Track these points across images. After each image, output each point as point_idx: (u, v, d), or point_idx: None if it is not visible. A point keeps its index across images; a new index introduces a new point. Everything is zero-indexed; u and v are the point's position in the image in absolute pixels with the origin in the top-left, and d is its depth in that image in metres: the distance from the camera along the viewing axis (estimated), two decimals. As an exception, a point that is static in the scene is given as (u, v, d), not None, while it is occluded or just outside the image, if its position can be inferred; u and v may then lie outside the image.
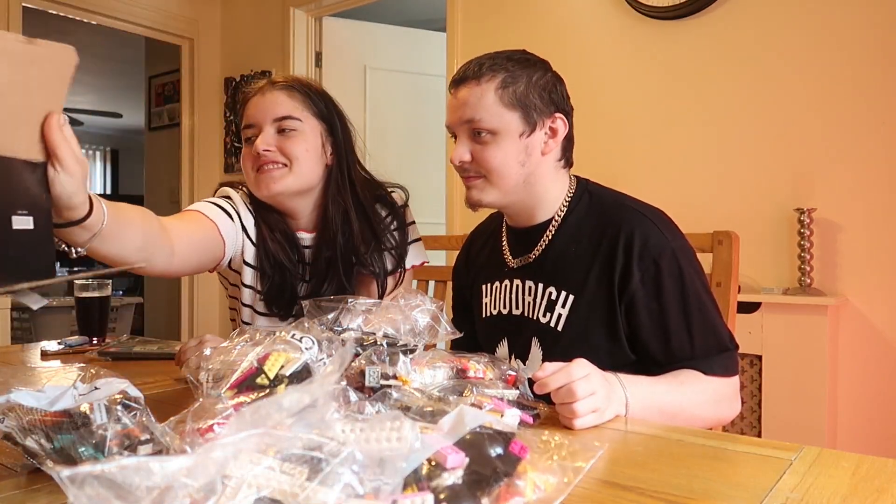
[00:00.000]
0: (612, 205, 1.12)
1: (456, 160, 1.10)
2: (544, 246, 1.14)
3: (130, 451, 0.64)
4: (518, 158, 1.08)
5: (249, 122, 1.26)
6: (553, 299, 1.10)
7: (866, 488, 0.62)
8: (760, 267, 2.36)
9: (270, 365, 0.83)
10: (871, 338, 2.18)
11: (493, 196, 1.11)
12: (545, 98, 1.09)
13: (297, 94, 1.26)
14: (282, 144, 1.23)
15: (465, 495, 0.53)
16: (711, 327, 1.05)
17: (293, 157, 1.23)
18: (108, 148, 8.70)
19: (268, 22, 3.92)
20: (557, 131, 1.11)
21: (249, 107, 1.27)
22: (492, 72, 1.08)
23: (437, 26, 3.78)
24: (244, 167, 1.28)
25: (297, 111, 1.25)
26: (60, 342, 1.52)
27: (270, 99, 1.25)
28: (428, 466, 0.54)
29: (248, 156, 1.26)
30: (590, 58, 2.73)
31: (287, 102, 1.25)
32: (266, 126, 1.24)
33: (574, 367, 0.85)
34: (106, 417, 0.65)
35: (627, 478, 0.65)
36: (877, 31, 2.17)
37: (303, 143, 1.24)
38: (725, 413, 1.05)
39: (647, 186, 2.58)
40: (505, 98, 1.07)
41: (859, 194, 2.20)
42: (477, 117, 1.07)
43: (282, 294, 1.30)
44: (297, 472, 0.49)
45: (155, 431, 0.66)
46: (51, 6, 3.59)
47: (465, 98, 1.08)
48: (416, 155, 3.88)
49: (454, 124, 1.12)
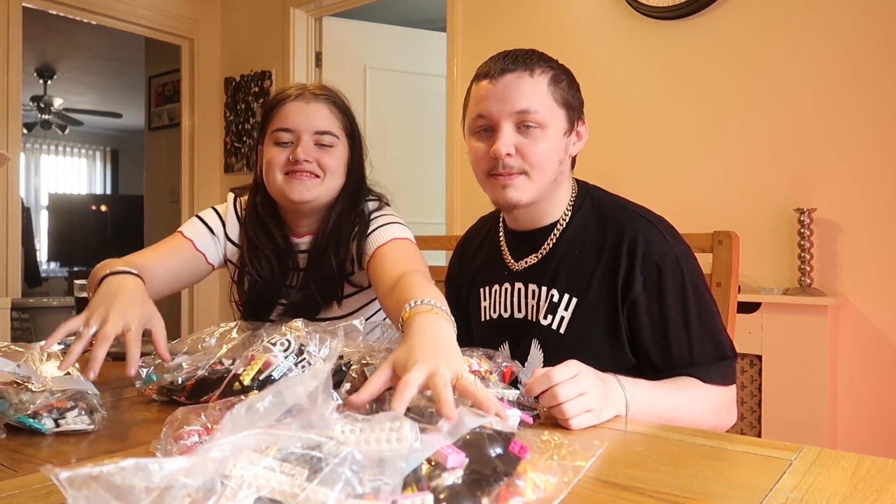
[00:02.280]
0: (615, 208, 1.12)
1: (503, 151, 1.03)
2: (549, 248, 1.13)
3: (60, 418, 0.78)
4: (558, 156, 1.08)
5: (287, 126, 1.26)
6: (555, 302, 1.10)
7: (866, 488, 0.61)
8: (760, 267, 2.36)
9: (247, 372, 0.85)
10: (871, 338, 2.18)
11: (530, 194, 1.07)
12: (579, 100, 1.12)
13: (337, 110, 1.29)
14: (319, 157, 1.26)
15: (464, 495, 0.53)
16: (712, 335, 1.05)
17: (328, 170, 1.27)
18: (108, 148, 8.70)
19: (268, 22, 3.92)
20: (582, 135, 1.13)
21: (289, 111, 1.26)
22: (542, 65, 1.06)
23: (437, 26, 3.78)
24: (270, 168, 1.27)
25: (336, 128, 1.28)
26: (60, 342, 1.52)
27: (314, 110, 1.26)
28: (428, 466, 0.54)
29: (279, 158, 1.26)
30: (590, 58, 2.73)
31: (330, 118, 1.28)
32: (305, 136, 1.25)
33: (557, 370, 0.84)
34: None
35: (627, 478, 0.65)
36: (877, 30, 2.17)
37: (338, 159, 1.28)
38: (723, 421, 1.04)
39: (646, 186, 2.58)
40: (556, 94, 1.07)
41: (859, 194, 2.20)
42: (532, 108, 1.04)
43: (258, 305, 1.34)
44: (297, 472, 0.49)
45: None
46: (51, 6, 3.59)
47: (518, 87, 1.04)
48: (416, 155, 3.88)
49: (499, 114, 1.05)
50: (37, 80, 6.41)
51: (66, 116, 6.95)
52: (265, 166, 1.29)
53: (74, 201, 7.86)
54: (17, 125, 3.40)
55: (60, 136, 7.83)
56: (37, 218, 7.77)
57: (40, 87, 6.51)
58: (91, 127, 7.91)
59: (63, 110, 6.90)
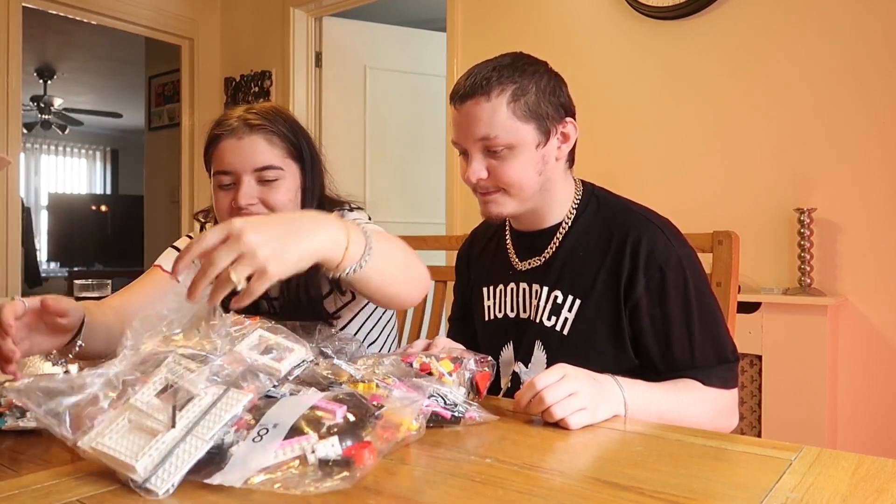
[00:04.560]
0: (619, 210, 1.12)
1: (473, 178, 1.06)
2: (553, 250, 1.13)
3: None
4: (536, 169, 1.07)
5: (225, 168, 1.17)
6: (559, 303, 1.10)
7: (866, 488, 0.61)
8: (760, 267, 2.36)
9: None
10: (871, 338, 2.18)
11: (512, 207, 1.09)
12: (555, 103, 1.07)
13: (276, 138, 1.18)
14: (264, 196, 1.16)
15: (348, 431, 0.64)
16: (713, 337, 1.05)
17: (276, 208, 1.17)
18: (108, 148, 8.70)
19: (268, 22, 3.92)
20: (569, 136, 1.10)
21: (224, 152, 1.17)
22: (500, 84, 1.03)
23: (437, 26, 3.78)
24: (220, 213, 1.20)
25: (278, 158, 1.17)
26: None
27: (249, 146, 1.16)
28: (311, 413, 0.65)
29: (224, 203, 1.18)
30: (590, 58, 2.73)
31: (268, 150, 1.17)
32: (245, 176, 1.16)
33: (540, 377, 0.84)
34: None
35: (627, 478, 0.65)
36: (877, 30, 2.17)
37: (286, 193, 1.18)
38: (723, 424, 1.04)
39: (647, 186, 2.58)
40: (518, 111, 1.03)
41: (859, 194, 2.20)
42: (492, 134, 1.03)
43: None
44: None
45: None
46: (51, 6, 3.59)
47: (476, 114, 1.04)
48: (416, 155, 3.88)
49: (464, 141, 1.07)
50: (37, 80, 6.41)
51: (66, 116, 6.95)
52: (217, 212, 1.22)
53: (74, 201, 7.86)
54: (17, 125, 3.40)
55: (60, 136, 7.83)
56: (37, 218, 7.77)
57: (40, 87, 6.51)
58: (91, 127, 7.91)
59: (63, 110, 6.90)
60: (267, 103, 1.34)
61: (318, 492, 0.59)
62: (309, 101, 3.79)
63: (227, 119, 1.20)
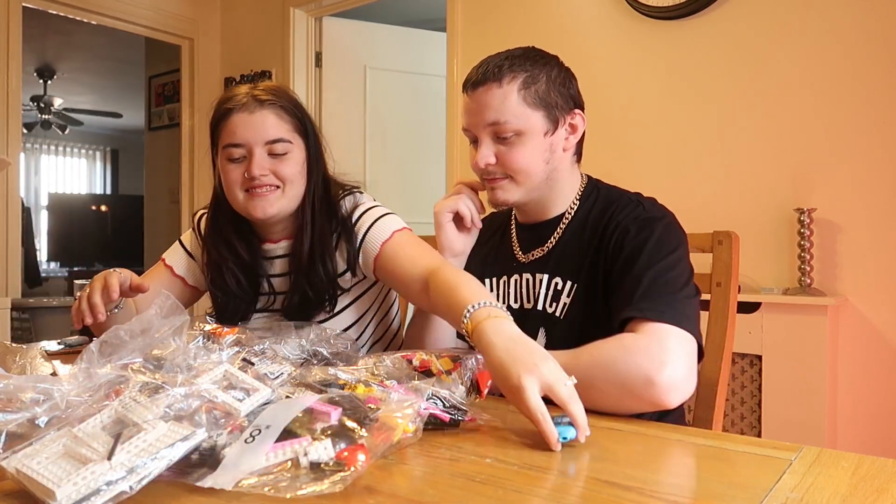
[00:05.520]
0: (615, 197, 1.14)
1: (482, 163, 1.09)
2: (556, 240, 1.15)
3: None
4: (543, 157, 1.10)
5: (236, 141, 1.21)
6: (559, 289, 1.12)
7: (866, 488, 0.61)
8: (760, 267, 2.36)
9: None
10: (871, 338, 2.18)
11: (518, 195, 1.12)
12: (564, 94, 1.11)
13: (284, 113, 1.23)
14: (275, 168, 1.21)
15: (341, 433, 0.64)
16: (664, 285, 0.97)
17: (287, 180, 1.22)
18: (108, 148, 8.69)
19: (268, 22, 3.92)
20: (577, 127, 1.13)
21: (235, 125, 1.21)
22: (512, 72, 1.07)
23: (437, 26, 3.78)
24: (230, 188, 1.23)
25: (287, 132, 1.22)
26: (60, 342, 1.52)
27: (260, 120, 1.21)
28: (305, 415, 0.65)
29: (235, 176, 1.22)
30: (590, 58, 2.73)
31: (279, 124, 1.22)
32: (257, 148, 1.20)
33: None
34: None
35: (627, 478, 0.64)
36: (877, 30, 2.17)
37: (295, 166, 1.23)
38: (644, 368, 0.87)
39: (647, 186, 2.56)
40: (528, 98, 1.07)
41: (859, 194, 2.20)
42: (502, 119, 1.07)
43: (234, 315, 1.33)
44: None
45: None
46: (51, 6, 3.59)
47: (487, 100, 1.07)
48: (416, 155, 3.88)
49: (475, 127, 1.10)
50: (37, 80, 6.41)
51: (66, 116, 6.95)
52: (225, 186, 1.25)
53: (74, 201, 7.86)
54: (17, 125, 3.40)
55: (60, 136, 7.83)
56: (37, 218, 7.77)
57: (40, 87, 6.51)
58: (91, 127, 7.91)
59: (63, 110, 6.89)
60: (269, 82, 1.39)
61: (309, 495, 0.58)
62: (309, 100, 3.78)
63: (236, 95, 1.23)
